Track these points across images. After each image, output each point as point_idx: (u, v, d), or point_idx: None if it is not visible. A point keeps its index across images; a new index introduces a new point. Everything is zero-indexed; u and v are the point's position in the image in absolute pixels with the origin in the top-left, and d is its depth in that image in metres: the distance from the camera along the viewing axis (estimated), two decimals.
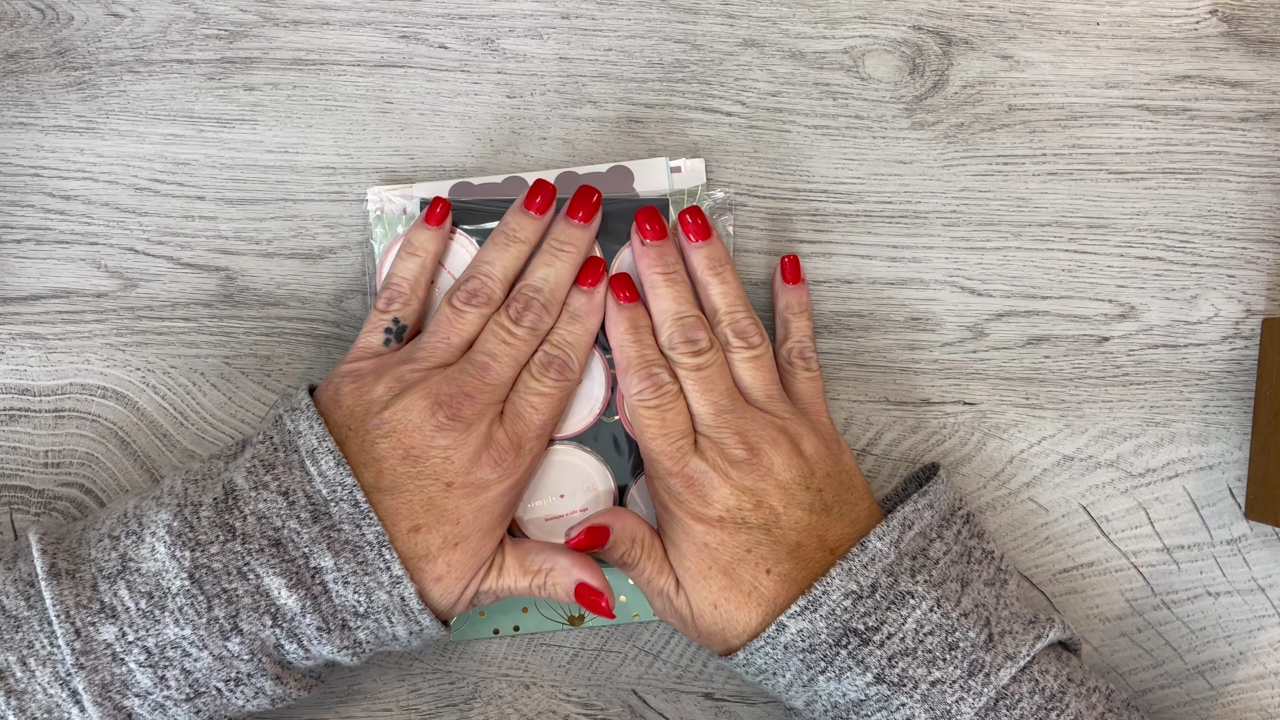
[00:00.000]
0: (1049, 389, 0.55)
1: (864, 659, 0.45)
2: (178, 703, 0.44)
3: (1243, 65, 0.55)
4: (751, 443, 0.48)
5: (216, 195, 0.54)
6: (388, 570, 0.44)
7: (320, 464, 0.45)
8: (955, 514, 0.49)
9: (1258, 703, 0.55)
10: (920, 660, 0.45)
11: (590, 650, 0.54)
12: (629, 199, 0.53)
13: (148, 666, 0.43)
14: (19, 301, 0.53)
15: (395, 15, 0.54)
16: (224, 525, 0.44)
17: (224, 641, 0.43)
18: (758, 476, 0.48)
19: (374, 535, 0.44)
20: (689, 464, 0.48)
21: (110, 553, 0.44)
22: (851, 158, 0.55)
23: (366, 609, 0.45)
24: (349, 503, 0.44)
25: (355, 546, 0.44)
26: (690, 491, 0.48)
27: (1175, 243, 0.55)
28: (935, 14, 0.55)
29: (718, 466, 0.48)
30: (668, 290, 0.50)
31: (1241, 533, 0.55)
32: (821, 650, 0.45)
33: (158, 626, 0.43)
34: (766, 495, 0.47)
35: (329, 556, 0.44)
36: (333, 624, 0.44)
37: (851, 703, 0.46)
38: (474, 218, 0.52)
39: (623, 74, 0.54)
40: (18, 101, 0.54)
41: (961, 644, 0.45)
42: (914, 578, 0.46)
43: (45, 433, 0.53)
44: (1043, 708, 0.45)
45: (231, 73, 0.54)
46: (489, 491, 0.47)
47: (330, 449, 0.45)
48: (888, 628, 0.45)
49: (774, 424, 0.49)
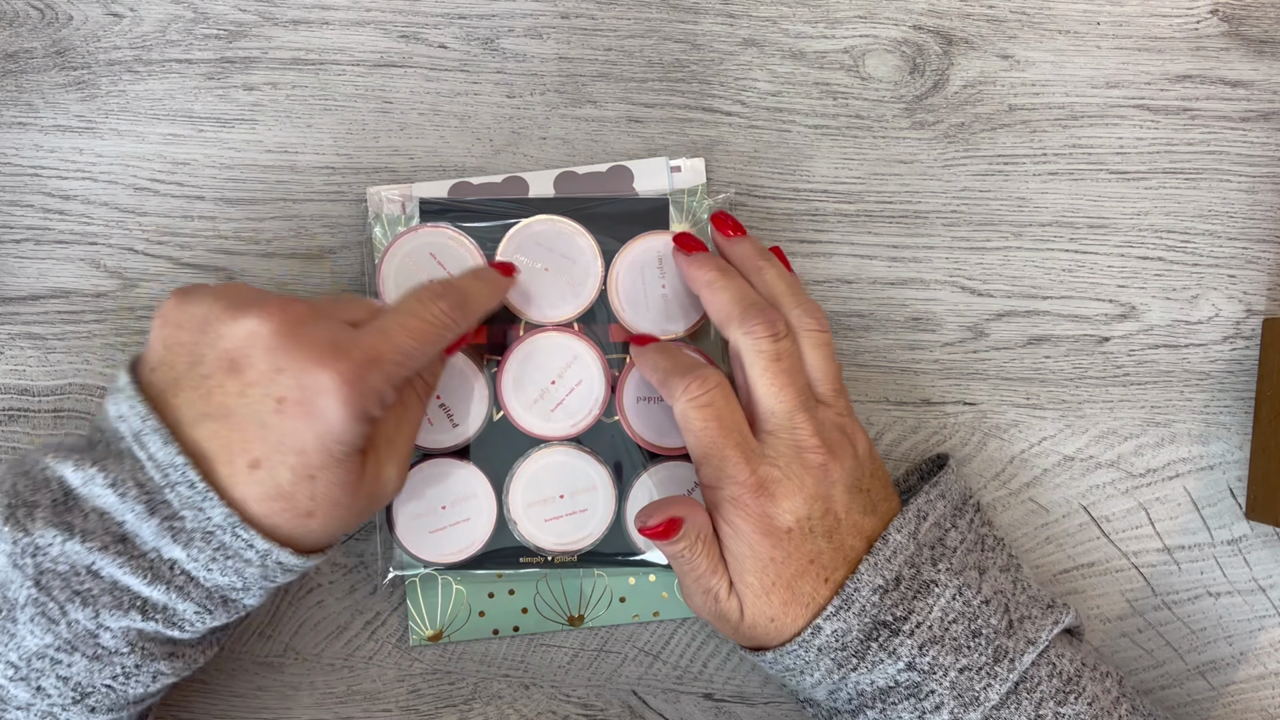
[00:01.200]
0: (1049, 389, 0.55)
1: (895, 649, 0.45)
2: (65, 707, 0.41)
3: (1243, 65, 0.55)
4: (827, 446, 0.45)
5: (216, 195, 0.54)
6: (251, 547, 0.40)
7: (148, 446, 0.40)
8: (966, 503, 0.49)
9: (1258, 703, 0.55)
10: (948, 648, 0.45)
11: (590, 650, 0.54)
12: (629, 199, 0.53)
13: (19, 680, 0.40)
14: (18, 301, 0.53)
15: (395, 15, 0.54)
16: (64, 525, 0.39)
17: (94, 642, 0.40)
18: (829, 482, 0.45)
19: (221, 517, 0.39)
20: (760, 469, 0.45)
21: None
22: (851, 157, 0.55)
23: (244, 584, 0.41)
24: (185, 485, 0.39)
25: (205, 533, 0.40)
26: (759, 500, 0.44)
27: (1176, 243, 0.55)
28: (935, 14, 0.55)
29: (792, 473, 0.45)
30: (728, 283, 0.47)
31: (1242, 533, 0.55)
32: (853, 647, 0.45)
33: (15, 640, 0.39)
34: (833, 502, 0.45)
35: (179, 549, 0.40)
36: (211, 604, 0.41)
37: (879, 690, 0.46)
38: (473, 218, 0.52)
39: (623, 74, 0.54)
40: (17, 101, 0.53)
41: (984, 631, 0.45)
42: (935, 566, 0.46)
43: (45, 433, 0.53)
44: (1061, 690, 0.45)
45: (231, 72, 0.54)
46: (330, 416, 0.39)
47: (155, 427, 0.39)
48: (916, 616, 0.45)
49: (838, 423, 0.46)
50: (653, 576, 0.53)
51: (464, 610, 0.53)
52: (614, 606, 0.53)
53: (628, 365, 0.52)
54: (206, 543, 0.40)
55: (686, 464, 0.52)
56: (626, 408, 0.52)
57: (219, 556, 0.40)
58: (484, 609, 0.53)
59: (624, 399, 0.52)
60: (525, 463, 0.52)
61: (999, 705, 0.45)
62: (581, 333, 0.52)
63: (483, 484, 0.52)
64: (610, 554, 0.53)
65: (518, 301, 0.52)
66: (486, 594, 0.53)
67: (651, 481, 0.52)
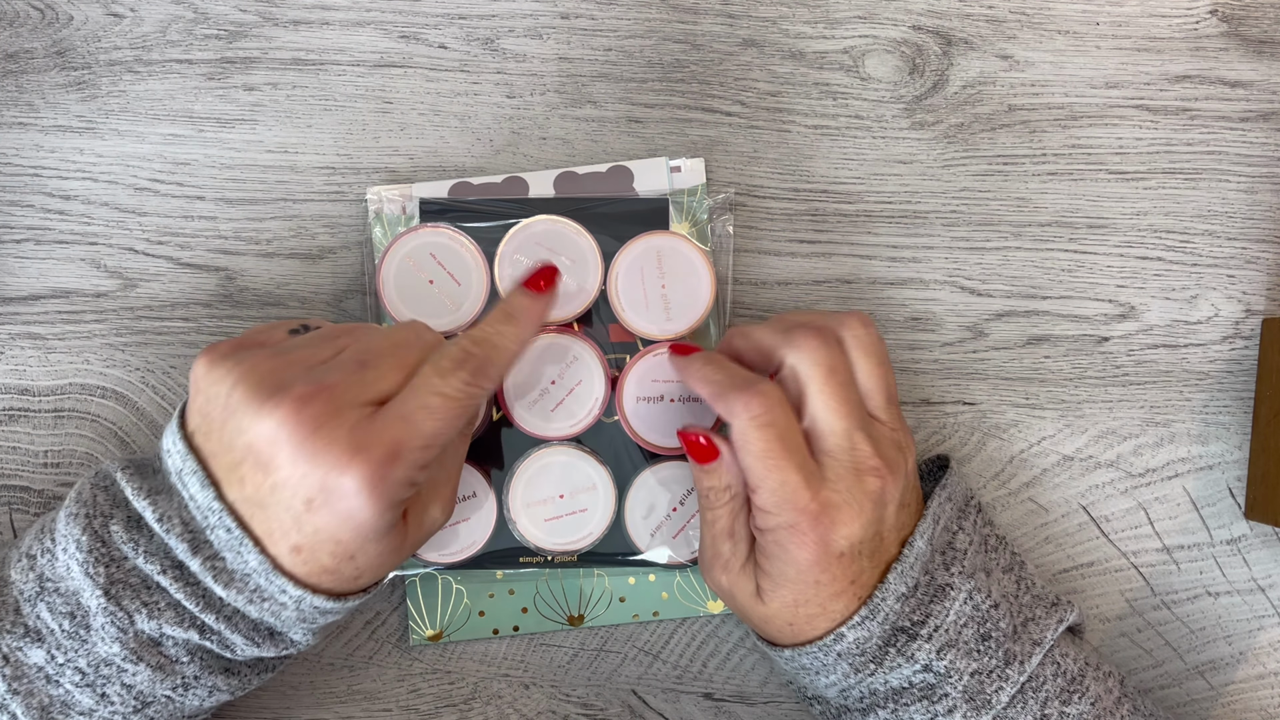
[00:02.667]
0: (1049, 389, 0.55)
1: (913, 654, 0.44)
2: (126, 716, 0.41)
3: (1243, 65, 0.55)
4: (883, 471, 0.43)
5: (216, 195, 0.54)
6: (284, 593, 0.41)
7: (189, 487, 0.40)
8: (969, 504, 0.49)
9: (1258, 703, 0.55)
10: (962, 651, 0.45)
11: (590, 650, 0.54)
12: (629, 199, 0.53)
13: (85, 686, 0.41)
14: (19, 301, 0.53)
15: (395, 15, 0.54)
16: (133, 541, 0.41)
17: (158, 651, 0.41)
18: (883, 504, 0.43)
19: (256, 562, 0.40)
20: (822, 494, 0.42)
21: (28, 573, 0.42)
22: (851, 158, 0.55)
23: (283, 624, 0.42)
24: (223, 529, 0.40)
25: (243, 575, 0.40)
26: (819, 527, 0.42)
27: (1175, 243, 0.55)
28: (935, 14, 0.55)
29: (853, 498, 0.42)
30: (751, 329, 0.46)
31: (1241, 533, 0.55)
32: (872, 653, 0.45)
33: (86, 646, 0.41)
34: (884, 524, 0.44)
35: (220, 588, 0.40)
36: (258, 637, 0.42)
37: (892, 690, 0.45)
38: (473, 218, 0.52)
39: (623, 74, 0.54)
40: (17, 101, 0.54)
41: (994, 635, 0.45)
42: (949, 570, 0.46)
43: (45, 433, 0.53)
44: (1065, 689, 0.45)
45: (231, 73, 0.54)
46: (358, 515, 0.39)
47: (194, 469, 0.40)
48: (934, 620, 0.44)
49: (893, 440, 0.44)
50: (653, 576, 0.53)
51: (464, 610, 0.53)
52: (614, 606, 0.53)
53: (628, 365, 0.52)
54: (245, 584, 0.41)
55: (686, 464, 0.52)
56: (626, 408, 0.52)
57: (255, 599, 0.41)
58: (484, 609, 0.53)
59: (624, 399, 0.52)
60: (525, 463, 0.52)
61: (1007, 706, 0.45)
62: (581, 333, 0.52)
63: (483, 484, 0.52)
64: (610, 554, 0.53)
65: None
66: (486, 594, 0.53)
67: (652, 481, 0.52)
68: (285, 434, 0.38)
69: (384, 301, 0.52)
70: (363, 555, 0.41)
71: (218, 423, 0.40)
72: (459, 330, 0.52)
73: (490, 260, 0.52)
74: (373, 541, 0.40)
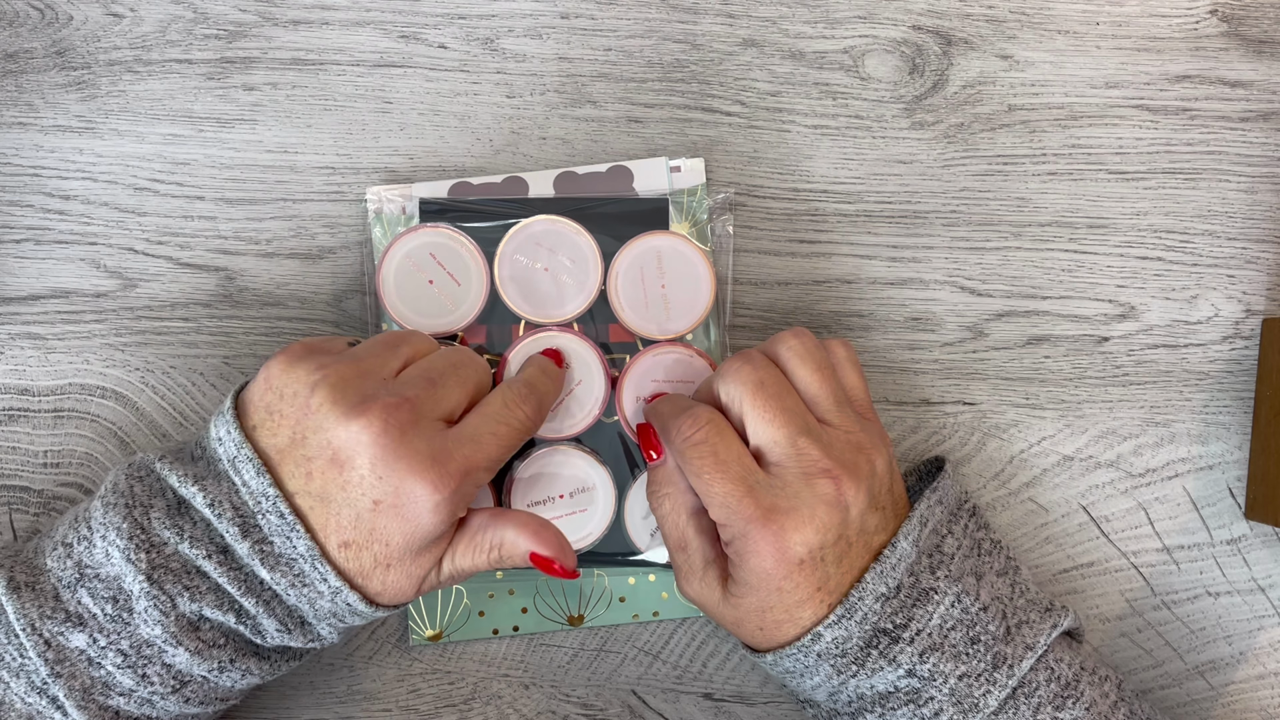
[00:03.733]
0: (1049, 389, 0.55)
1: (895, 656, 0.44)
2: (164, 695, 0.43)
3: (1243, 65, 0.55)
4: (836, 472, 0.43)
5: (216, 195, 0.54)
6: (325, 581, 0.43)
7: (242, 473, 0.42)
8: (961, 508, 0.48)
9: (1258, 703, 0.55)
10: (947, 655, 0.45)
11: (590, 650, 0.54)
12: (629, 199, 0.53)
13: (126, 668, 0.42)
14: (18, 301, 0.53)
15: (395, 15, 0.54)
16: (175, 527, 0.43)
17: (196, 635, 0.42)
18: (843, 507, 0.43)
19: (305, 548, 0.42)
20: (765, 500, 0.43)
21: (65, 560, 0.43)
22: (851, 158, 0.55)
23: (316, 614, 0.44)
24: (275, 514, 0.42)
25: (289, 559, 0.42)
26: (768, 532, 0.43)
27: (1175, 243, 0.55)
28: (935, 14, 0.55)
29: (802, 502, 0.43)
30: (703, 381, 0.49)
31: (1241, 533, 0.55)
32: (853, 654, 0.45)
33: (129, 629, 0.42)
34: (848, 527, 0.44)
35: (265, 570, 0.42)
36: (290, 624, 0.44)
37: (878, 695, 0.45)
38: (473, 218, 0.52)
39: (623, 74, 0.54)
40: (17, 101, 0.53)
41: (983, 638, 0.45)
42: (934, 574, 0.45)
43: (45, 433, 0.53)
44: (1059, 695, 0.45)
45: (231, 72, 0.54)
46: (420, 520, 0.42)
47: (249, 456, 0.42)
48: (915, 624, 0.44)
49: (851, 442, 0.45)
50: (653, 576, 0.53)
51: (464, 610, 0.53)
52: (614, 606, 0.53)
53: (628, 365, 0.52)
54: (290, 568, 0.42)
55: None
56: (626, 408, 0.52)
57: (297, 584, 0.43)
58: (484, 609, 0.53)
59: (624, 399, 0.52)
60: (525, 463, 0.52)
61: (997, 711, 0.45)
62: (581, 333, 0.52)
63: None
64: (610, 554, 0.53)
65: (517, 301, 0.52)
66: (486, 594, 0.53)
67: None
68: (369, 438, 0.41)
69: (384, 301, 0.52)
70: (397, 568, 0.43)
71: (290, 419, 0.43)
72: (459, 330, 0.52)
73: (490, 260, 0.52)
74: (413, 555, 0.43)
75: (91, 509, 0.44)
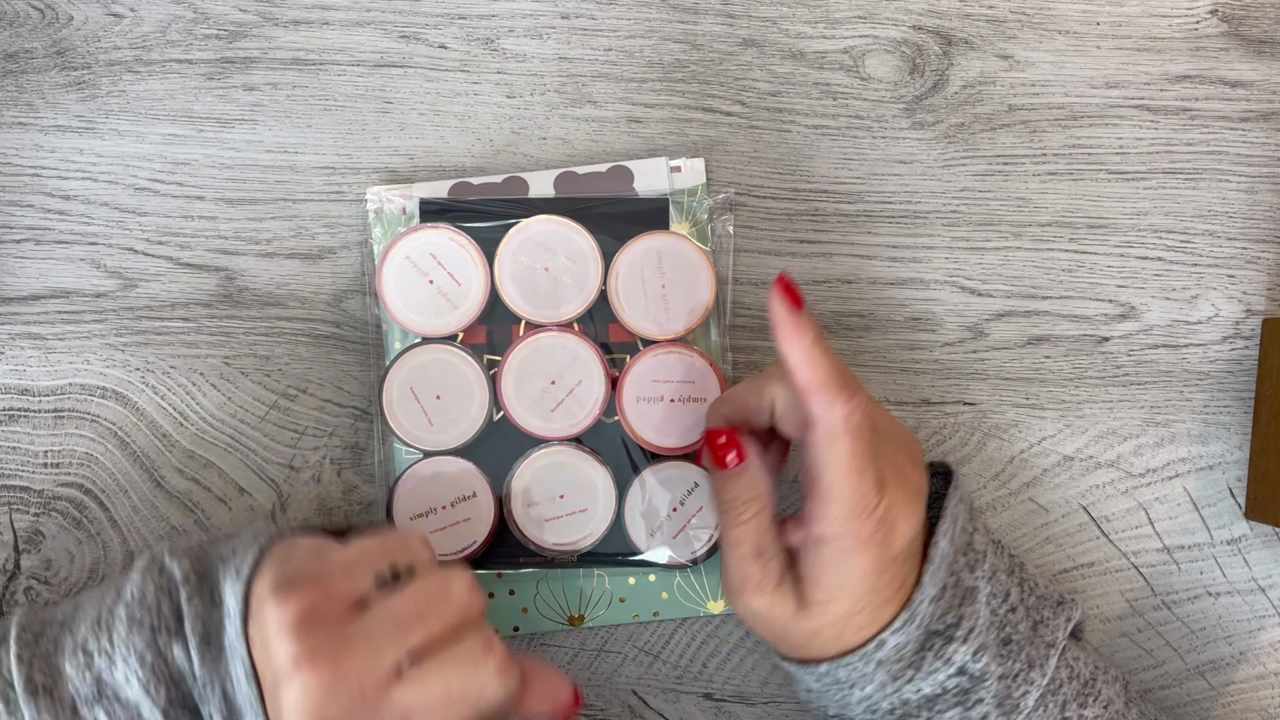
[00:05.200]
0: (1049, 389, 0.55)
1: (950, 656, 0.44)
2: None
3: (1243, 65, 0.55)
4: (919, 464, 0.45)
5: (216, 195, 0.54)
6: None
7: (234, 669, 0.41)
8: (974, 508, 0.49)
9: (1258, 703, 0.55)
10: (993, 654, 0.44)
11: (590, 650, 0.54)
12: (629, 199, 0.53)
13: None
14: (19, 301, 0.53)
15: (395, 15, 0.54)
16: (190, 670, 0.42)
17: None
18: (920, 499, 0.44)
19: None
20: (884, 499, 0.42)
21: (85, 672, 0.42)
22: (851, 158, 0.55)
23: None
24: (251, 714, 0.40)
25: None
26: (881, 532, 0.42)
27: (1175, 243, 0.55)
28: (935, 14, 0.55)
29: (903, 497, 0.43)
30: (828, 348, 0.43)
31: (1241, 533, 0.55)
32: (909, 658, 0.44)
33: None
34: (921, 519, 0.44)
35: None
36: None
37: (925, 699, 0.45)
38: (473, 218, 0.52)
39: (623, 74, 0.54)
40: (17, 101, 0.54)
41: (1015, 638, 0.45)
42: (973, 572, 0.45)
43: (45, 433, 0.53)
44: (1080, 693, 0.45)
45: (231, 72, 0.54)
46: None
47: (242, 658, 0.40)
48: (966, 622, 0.44)
49: (908, 437, 0.46)
50: (653, 576, 0.53)
51: None
52: (614, 606, 0.53)
53: (628, 365, 0.52)
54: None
55: (686, 464, 0.52)
56: (626, 408, 0.52)
57: None
58: None
59: (624, 399, 0.52)
60: (525, 463, 0.52)
61: (1032, 710, 0.45)
62: (581, 333, 0.52)
63: (482, 484, 0.52)
64: (610, 554, 0.53)
65: (517, 301, 0.52)
66: (486, 594, 0.53)
67: (652, 481, 0.52)
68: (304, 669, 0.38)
69: (384, 301, 0.52)
70: None
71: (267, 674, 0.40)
72: (459, 330, 0.52)
73: (490, 260, 0.52)
74: None
75: (115, 619, 0.42)
